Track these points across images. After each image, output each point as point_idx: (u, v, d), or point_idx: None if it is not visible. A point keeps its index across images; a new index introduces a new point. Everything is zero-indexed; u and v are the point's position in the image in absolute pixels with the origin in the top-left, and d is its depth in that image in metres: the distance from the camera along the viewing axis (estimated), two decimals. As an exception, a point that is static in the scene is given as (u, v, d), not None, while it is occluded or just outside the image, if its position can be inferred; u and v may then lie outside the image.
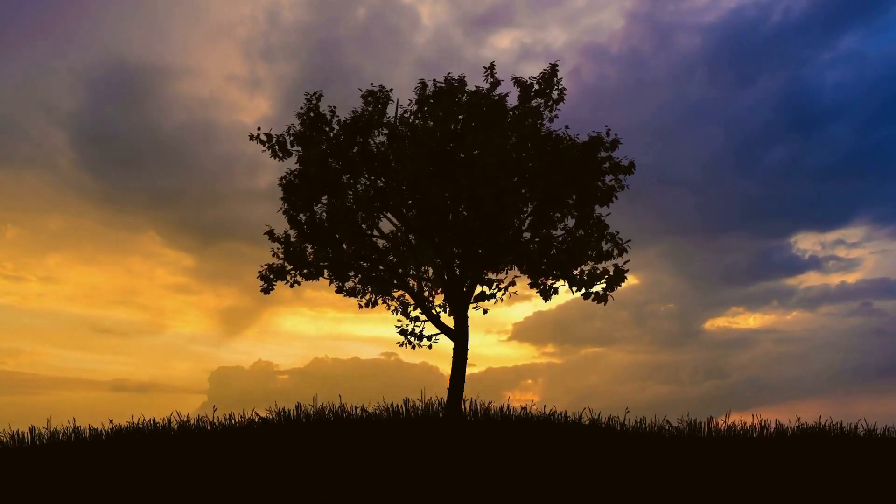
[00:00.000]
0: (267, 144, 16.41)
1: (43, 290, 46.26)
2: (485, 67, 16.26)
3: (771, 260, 49.23)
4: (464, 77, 16.19)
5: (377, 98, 16.28)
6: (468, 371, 16.52)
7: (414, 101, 16.34)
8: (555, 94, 16.32)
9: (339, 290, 17.06)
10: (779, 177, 48.48)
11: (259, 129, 16.27)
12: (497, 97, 16.12)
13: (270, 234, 16.65)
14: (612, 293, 15.73)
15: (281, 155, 16.45)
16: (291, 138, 16.38)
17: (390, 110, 16.49)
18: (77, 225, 48.65)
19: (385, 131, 16.40)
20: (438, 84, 16.09)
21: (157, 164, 47.41)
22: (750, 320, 49.06)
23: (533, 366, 41.70)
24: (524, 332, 44.21)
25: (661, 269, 50.03)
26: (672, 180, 48.02)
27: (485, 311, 16.92)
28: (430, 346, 17.11)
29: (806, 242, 50.27)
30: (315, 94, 16.32)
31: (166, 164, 47.55)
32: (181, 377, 45.72)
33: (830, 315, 47.64)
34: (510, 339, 42.81)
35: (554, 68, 16.12)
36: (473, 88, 16.10)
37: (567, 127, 16.19)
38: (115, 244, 49.73)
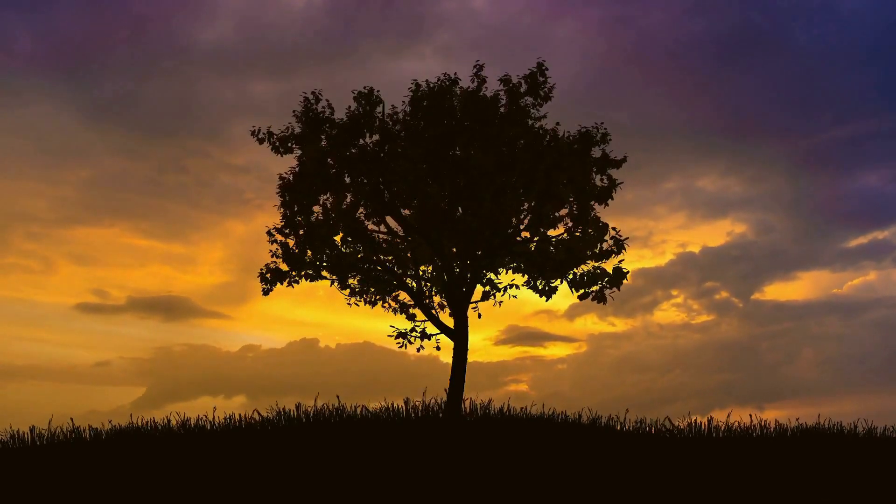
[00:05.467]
0: (268, 141, 16.41)
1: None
2: (474, 67, 16.23)
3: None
4: (457, 77, 16.17)
5: (367, 99, 16.27)
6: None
7: (407, 101, 16.33)
8: (542, 93, 16.31)
9: (341, 290, 17.10)
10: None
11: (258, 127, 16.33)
12: (484, 96, 16.12)
13: (271, 234, 16.70)
14: (611, 293, 15.85)
15: (282, 151, 16.48)
16: (290, 138, 16.39)
17: (380, 111, 16.49)
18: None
19: (377, 132, 16.40)
20: (431, 85, 16.09)
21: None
22: (818, 286, 41.68)
23: (552, 355, 38.14)
24: (574, 311, 39.59)
25: (770, 197, 41.75)
26: (826, 54, 37.20)
27: (479, 316, 16.91)
28: (436, 348, 17.06)
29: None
30: (313, 93, 16.35)
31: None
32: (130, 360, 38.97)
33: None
34: (562, 317, 39.07)
35: (541, 67, 16.11)
36: (465, 88, 16.11)
37: (558, 123, 16.22)
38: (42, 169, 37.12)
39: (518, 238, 16.48)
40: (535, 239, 16.35)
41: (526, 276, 16.50)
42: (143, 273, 40.83)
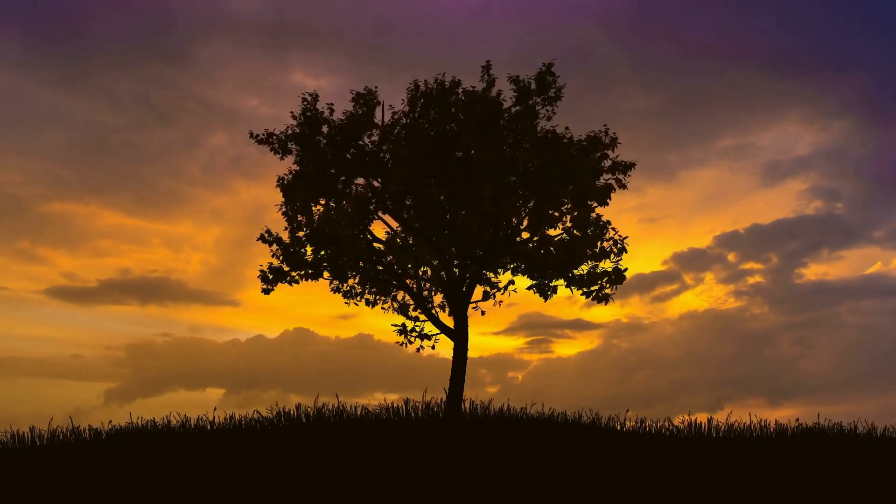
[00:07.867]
0: (268, 143, 16.44)
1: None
2: (482, 67, 16.20)
3: None
4: (456, 77, 16.14)
5: (366, 100, 16.25)
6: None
7: (405, 101, 16.30)
8: (552, 93, 16.29)
9: (337, 291, 17.11)
10: None
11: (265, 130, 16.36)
12: (492, 96, 16.09)
13: (269, 234, 16.70)
14: (612, 293, 15.89)
15: (282, 153, 16.52)
16: (290, 138, 16.40)
17: (379, 112, 16.47)
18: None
19: (376, 133, 16.37)
20: (430, 85, 16.06)
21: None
22: (859, 268, 37.48)
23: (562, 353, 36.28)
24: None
25: (834, 156, 37.47)
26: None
27: (483, 313, 16.93)
28: (432, 347, 17.08)
29: None
30: (311, 94, 16.35)
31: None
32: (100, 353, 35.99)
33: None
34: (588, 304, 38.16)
35: (549, 67, 16.09)
36: (469, 88, 16.08)
37: (567, 128, 16.24)
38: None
39: (518, 238, 16.48)
40: (535, 239, 16.35)
41: (526, 276, 16.52)
42: (123, 256, 37.92)
